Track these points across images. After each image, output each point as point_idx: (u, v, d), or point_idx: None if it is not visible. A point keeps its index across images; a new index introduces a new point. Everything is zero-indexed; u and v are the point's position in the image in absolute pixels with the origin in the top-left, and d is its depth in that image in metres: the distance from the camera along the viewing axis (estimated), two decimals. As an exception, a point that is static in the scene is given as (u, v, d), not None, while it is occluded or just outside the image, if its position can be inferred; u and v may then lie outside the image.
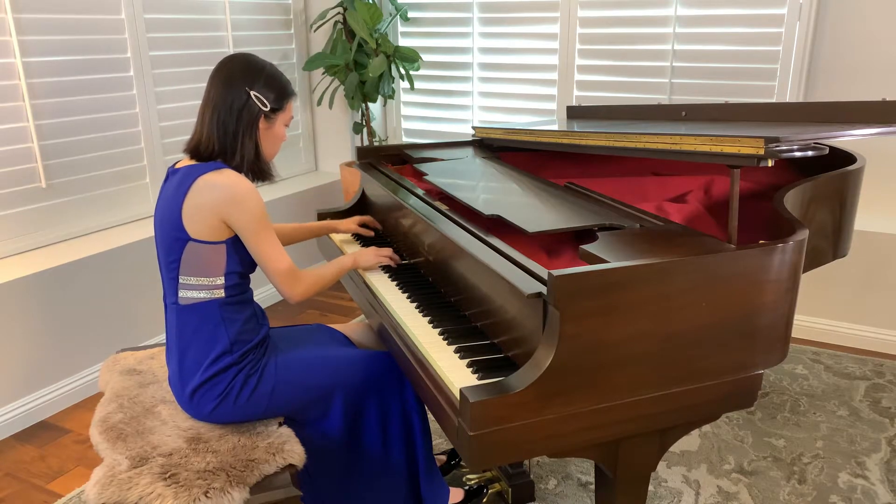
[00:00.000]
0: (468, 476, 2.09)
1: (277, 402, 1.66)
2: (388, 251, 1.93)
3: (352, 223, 2.18)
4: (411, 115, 4.08)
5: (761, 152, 1.30)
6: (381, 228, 2.23)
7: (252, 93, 1.62)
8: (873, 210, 3.05)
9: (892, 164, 2.96)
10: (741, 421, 2.52)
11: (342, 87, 3.87)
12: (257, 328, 1.68)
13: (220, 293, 1.62)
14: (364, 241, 2.21)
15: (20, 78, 2.64)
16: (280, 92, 1.67)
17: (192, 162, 1.64)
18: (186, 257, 1.59)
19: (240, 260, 1.64)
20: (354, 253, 1.89)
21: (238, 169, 1.64)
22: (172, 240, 1.59)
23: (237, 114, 1.62)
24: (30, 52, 2.67)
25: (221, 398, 1.61)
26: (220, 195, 1.56)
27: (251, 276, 1.72)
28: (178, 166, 1.66)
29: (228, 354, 1.62)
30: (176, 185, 1.60)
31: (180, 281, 1.61)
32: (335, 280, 1.79)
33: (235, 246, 1.62)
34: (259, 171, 1.69)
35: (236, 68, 1.63)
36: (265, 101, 1.64)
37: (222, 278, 1.62)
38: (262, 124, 1.65)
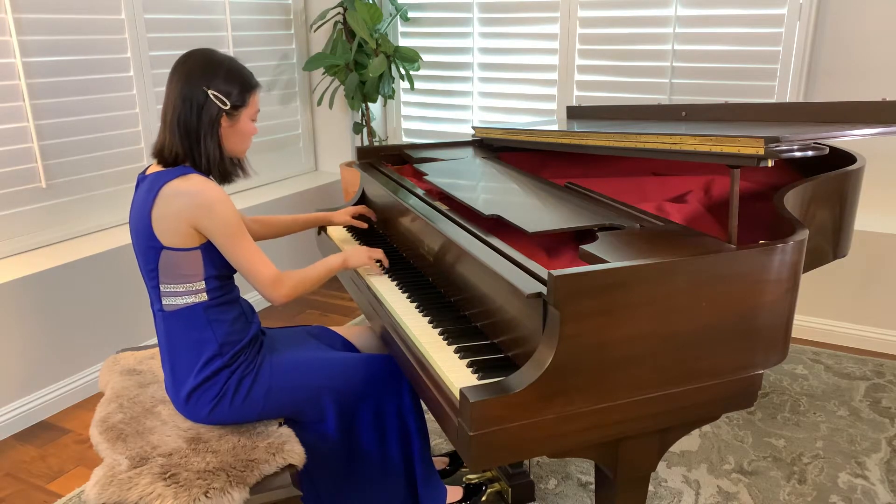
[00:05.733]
0: (468, 476, 2.09)
1: (273, 404, 1.66)
2: (379, 252, 1.90)
3: (346, 214, 2.18)
4: (411, 116, 4.08)
5: (761, 152, 1.30)
6: (376, 218, 2.24)
7: (210, 92, 1.57)
8: (873, 210, 3.05)
9: (892, 164, 2.96)
10: (741, 421, 2.52)
11: (342, 87, 3.87)
12: (246, 327, 1.68)
13: (204, 296, 1.61)
14: (363, 240, 2.21)
15: (20, 78, 2.64)
16: (242, 87, 1.61)
17: (160, 168, 1.60)
18: (163, 265, 1.57)
19: (216, 264, 1.62)
20: (344, 252, 1.84)
21: (206, 171, 1.61)
22: (147, 249, 1.57)
23: (197, 114, 1.57)
24: (30, 52, 2.67)
25: (217, 401, 1.61)
26: (186, 202, 1.53)
27: (235, 276, 1.69)
28: (147, 172, 1.63)
29: (219, 357, 1.61)
30: (144, 194, 1.57)
31: (162, 288, 1.60)
32: (323, 280, 1.75)
33: (210, 251, 1.60)
34: (225, 171, 1.65)
35: (195, 66, 1.57)
36: (224, 100, 1.58)
37: (203, 282, 1.60)
38: (224, 122, 1.60)
